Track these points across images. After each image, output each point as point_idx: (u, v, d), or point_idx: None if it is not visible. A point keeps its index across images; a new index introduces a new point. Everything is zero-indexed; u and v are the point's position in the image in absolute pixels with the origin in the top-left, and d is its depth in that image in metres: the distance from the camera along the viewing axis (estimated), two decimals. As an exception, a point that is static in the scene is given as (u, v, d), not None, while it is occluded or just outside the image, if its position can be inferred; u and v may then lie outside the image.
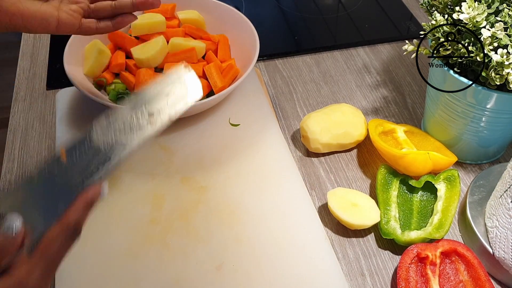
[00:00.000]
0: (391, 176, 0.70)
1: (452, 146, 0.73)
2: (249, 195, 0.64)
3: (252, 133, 0.72)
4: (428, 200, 0.69)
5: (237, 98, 0.78)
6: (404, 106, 0.85)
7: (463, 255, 0.61)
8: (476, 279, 0.59)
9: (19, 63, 0.92)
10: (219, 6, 0.84)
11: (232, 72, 0.77)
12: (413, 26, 1.02)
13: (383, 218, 0.65)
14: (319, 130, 0.72)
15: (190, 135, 0.72)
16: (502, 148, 0.76)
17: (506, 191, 0.60)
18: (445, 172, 0.69)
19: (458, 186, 0.68)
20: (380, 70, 0.92)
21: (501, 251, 0.60)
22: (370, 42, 0.98)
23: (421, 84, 0.89)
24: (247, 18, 0.80)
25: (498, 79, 0.60)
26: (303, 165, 0.75)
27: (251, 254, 0.59)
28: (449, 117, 0.70)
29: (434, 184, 0.69)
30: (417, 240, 0.62)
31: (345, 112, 0.74)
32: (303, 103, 0.85)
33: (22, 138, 0.79)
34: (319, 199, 0.71)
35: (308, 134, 0.72)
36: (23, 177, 0.43)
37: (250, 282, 0.56)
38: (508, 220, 0.59)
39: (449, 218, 0.64)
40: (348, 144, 0.74)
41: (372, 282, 0.62)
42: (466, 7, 0.60)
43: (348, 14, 1.06)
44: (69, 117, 0.75)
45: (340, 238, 0.66)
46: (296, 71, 0.92)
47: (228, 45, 0.81)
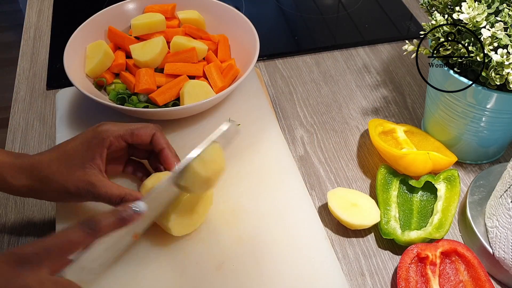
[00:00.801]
0: (391, 176, 0.70)
1: (452, 146, 0.73)
2: (249, 194, 0.64)
3: (252, 133, 0.72)
4: (428, 200, 0.69)
5: (237, 98, 0.78)
6: (404, 106, 0.85)
7: (463, 255, 0.61)
8: (476, 279, 0.59)
9: (19, 63, 0.92)
10: (219, 6, 0.84)
11: (232, 72, 0.77)
12: (413, 26, 1.02)
13: (383, 218, 0.65)
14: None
15: (190, 135, 0.72)
16: (502, 148, 0.76)
17: (506, 191, 0.60)
18: (445, 172, 0.69)
19: (458, 186, 0.68)
20: (380, 70, 0.92)
21: (501, 251, 0.60)
22: (370, 42, 0.98)
23: (421, 84, 0.89)
24: (247, 18, 0.80)
25: (498, 79, 0.60)
26: (303, 165, 0.75)
27: (251, 254, 0.59)
28: (449, 117, 0.70)
29: (434, 184, 0.69)
30: (417, 240, 0.62)
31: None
32: (303, 103, 0.85)
33: (22, 138, 0.79)
34: (319, 199, 0.71)
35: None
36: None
37: (250, 282, 0.56)
38: (508, 220, 0.59)
39: (449, 218, 0.64)
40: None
41: (372, 282, 0.62)
42: (466, 7, 0.60)
43: (348, 14, 1.06)
44: (69, 117, 0.75)
45: (340, 238, 0.66)
46: (296, 71, 0.92)
47: (228, 45, 0.81)
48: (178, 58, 0.75)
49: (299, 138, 0.79)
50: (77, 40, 0.76)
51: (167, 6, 0.83)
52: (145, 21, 0.78)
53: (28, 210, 0.69)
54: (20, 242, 0.65)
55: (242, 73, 0.76)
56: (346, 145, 0.79)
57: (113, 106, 0.69)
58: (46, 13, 1.04)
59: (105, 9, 0.81)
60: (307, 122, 0.82)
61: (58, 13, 1.04)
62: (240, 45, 0.81)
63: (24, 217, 0.68)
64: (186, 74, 0.75)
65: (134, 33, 0.79)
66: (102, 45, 0.76)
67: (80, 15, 0.82)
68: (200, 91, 0.72)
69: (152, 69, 0.75)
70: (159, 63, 0.75)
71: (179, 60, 0.75)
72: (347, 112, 0.84)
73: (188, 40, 0.77)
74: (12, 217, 0.68)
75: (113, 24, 0.80)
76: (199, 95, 0.72)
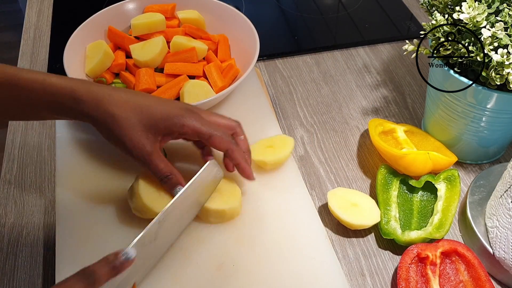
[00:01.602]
0: (391, 176, 0.70)
1: (452, 146, 0.73)
2: (249, 194, 0.64)
3: (253, 133, 0.72)
4: (428, 200, 0.69)
5: (237, 98, 0.78)
6: (404, 106, 0.85)
7: (463, 255, 0.61)
8: (476, 279, 0.59)
9: (19, 63, 0.92)
10: (219, 6, 0.84)
11: (232, 72, 0.77)
12: (413, 26, 1.02)
13: (383, 218, 0.65)
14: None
15: (190, 135, 0.72)
16: (502, 148, 0.76)
17: (507, 191, 0.60)
18: (445, 172, 0.69)
19: (458, 186, 0.68)
20: (380, 70, 0.92)
21: (501, 251, 0.60)
22: (370, 42, 0.98)
23: (421, 84, 0.89)
24: (247, 18, 0.80)
25: (498, 79, 0.60)
26: (303, 165, 0.75)
27: (251, 254, 0.59)
28: (449, 117, 0.70)
29: (434, 184, 0.68)
30: (417, 240, 0.62)
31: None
32: (303, 103, 0.85)
33: (22, 138, 0.79)
34: (319, 199, 0.71)
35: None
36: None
37: (250, 282, 0.56)
38: (508, 220, 0.59)
39: (449, 218, 0.64)
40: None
41: (372, 282, 0.62)
42: (466, 7, 0.60)
43: (348, 14, 1.05)
44: (69, 117, 0.74)
45: (340, 238, 0.66)
46: (296, 71, 0.92)
47: (228, 45, 0.81)
48: (178, 58, 0.75)
49: (299, 138, 0.79)
50: (77, 40, 0.76)
51: (167, 6, 0.83)
52: (145, 21, 0.78)
53: (28, 210, 0.69)
54: (20, 242, 0.65)
55: (242, 73, 0.76)
56: (346, 145, 0.79)
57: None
58: (46, 13, 1.04)
59: (105, 9, 0.81)
60: (307, 122, 0.82)
61: (58, 13, 1.04)
62: (240, 45, 0.81)
63: (24, 217, 0.68)
64: (186, 74, 0.75)
65: (134, 33, 0.79)
66: (102, 45, 0.76)
67: (80, 15, 0.82)
68: (200, 91, 0.72)
69: (152, 69, 0.75)
70: (159, 63, 0.75)
71: (179, 60, 0.75)
72: (347, 112, 0.84)
73: (188, 40, 0.77)
74: (12, 217, 0.68)
75: (113, 24, 0.80)
76: (199, 95, 0.72)
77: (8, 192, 0.71)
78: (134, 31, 0.79)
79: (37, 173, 0.73)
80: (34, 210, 0.69)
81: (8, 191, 0.71)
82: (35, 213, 0.68)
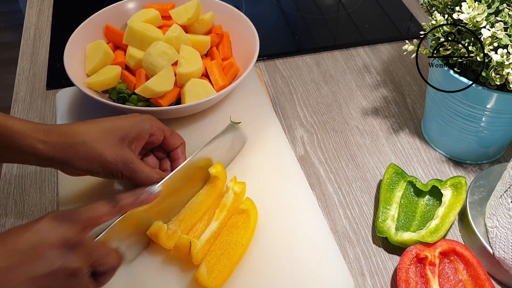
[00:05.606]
0: (398, 176, 0.70)
1: (452, 146, 0.73)
2: (253, 192, 0.64)
3: (254, 131, 0.72)
4: (433, 205, 0.69)
5: (237, 97, 0.78)
6: (404, 106, 0.85)
7: (462, 254, 0.61)
8: (475, 278, 0.59)
9: (19, 63, 0.92)
10: (219, 5, 0.84)
11: (232, 70, 0.77)
12: (413, 26, 1.02)
13: (380, 216, 0.65)
14: None
15: (192, 133, 0.72)
16: (502, 148, 0.76)
17: (506, 191, 0.60)
18: (452, 179, 0.68)
19: (464, 194, 0.66)
20: (380, 70, 0.92)
21: (501, 251, 0.60)
22: (370, 42, 0.98)
23: (421, 84, 0.89)
24: (247, 17, 0.80)
25: (498, 79, 0.60)
26: (303, 165, 0.75)
27: (256, 250, 0.59)
28: (449, 117, 0.70)
29: (440, 189, 0.68)
30: (409, 242, 0.62)
31: None
32: (303, 103, 0.85)
33: (22, 138, 0.78)
34: (319, 199, 0.71)
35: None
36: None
37: (255, 279, 0.56)
38: (508, 220, 0.59)
39: (446, 224, 0.63)
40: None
41: (372, 282, 0.62)
42: (466, 7, 0.60)
43: (348, 14, 1.06)
44: (69, 117, 0.75)
45: (340, 238, 0.66)
46: (296, 71, 0.92)
47: (229, 42, 0.82)
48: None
49: (299, 138, 0.79)
50: (77, 40, 0.76)
51: (166, 6, 0.83)
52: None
53: (28, 210, 0.69)
54: (20, 242, 0.65)
55: (242, 71, 0.76)
56: (346, 145, 0.79)
57: (114, 105, 0.69)
58: (46, 13, 1.04)
59: (105, 9, 0.81)
60: (307, 122, 0.82)
61: (58, 13, 1.04)
62: (240, 44, 0.81)
63: (24, 217, 0.68)
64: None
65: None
66: (102, 44, 0.76)
67: (80, 15, 0.82)
68: (201, 89, 0.72)
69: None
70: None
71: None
72: (347, 112, 0.84)
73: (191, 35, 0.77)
74: (12, 217, 0.68)
75: (112, 23, 0.80)
76: (200, 93, 0.72)
77: (8, 192, 0.71)
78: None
79: (37, 173, 0.73)
80: (34, 210, 0.69)
81: (8, 191, 0.71)
82: (35, 213, 0.68)
